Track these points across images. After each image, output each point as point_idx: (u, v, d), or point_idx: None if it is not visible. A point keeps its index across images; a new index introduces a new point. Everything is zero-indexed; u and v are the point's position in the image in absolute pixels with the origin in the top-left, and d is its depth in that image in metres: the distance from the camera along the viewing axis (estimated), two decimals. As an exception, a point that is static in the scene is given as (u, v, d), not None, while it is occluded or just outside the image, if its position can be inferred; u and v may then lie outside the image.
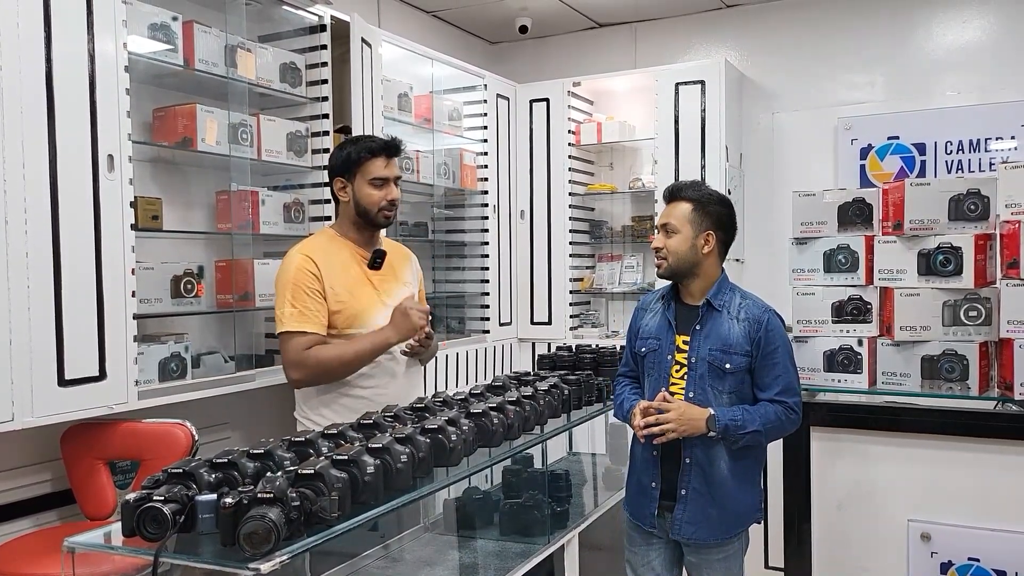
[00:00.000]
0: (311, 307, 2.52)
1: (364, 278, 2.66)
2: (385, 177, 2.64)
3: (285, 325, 2.52)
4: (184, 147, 2.96)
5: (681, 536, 2.44)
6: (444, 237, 4.56)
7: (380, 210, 2.64)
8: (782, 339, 2.45)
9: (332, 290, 2.56)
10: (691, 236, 2.45)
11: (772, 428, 2.41)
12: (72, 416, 2.49)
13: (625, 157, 5.16)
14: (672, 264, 2.47)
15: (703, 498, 2.41)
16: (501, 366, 4.78)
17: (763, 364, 2.42)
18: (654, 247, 2.51)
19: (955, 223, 2.74)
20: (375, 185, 2.63)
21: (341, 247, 2.67)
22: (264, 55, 3.23)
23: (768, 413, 2.39)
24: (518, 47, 5.46)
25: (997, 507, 2.62)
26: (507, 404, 2.30)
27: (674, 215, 2.47)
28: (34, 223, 2.36)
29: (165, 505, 1.54)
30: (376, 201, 2.63)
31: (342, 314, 2.57)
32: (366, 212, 2.64)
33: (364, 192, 2.63)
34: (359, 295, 2.62)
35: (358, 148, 2.64)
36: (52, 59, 2.40)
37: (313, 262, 2.56)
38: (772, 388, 2.41)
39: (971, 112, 4.29)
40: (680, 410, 2.34)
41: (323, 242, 2.67)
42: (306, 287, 2.53)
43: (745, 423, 2.35)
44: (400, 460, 1.84)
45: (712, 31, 4.94)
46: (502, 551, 2.61)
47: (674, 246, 2.46)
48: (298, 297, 2.52)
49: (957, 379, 2.70)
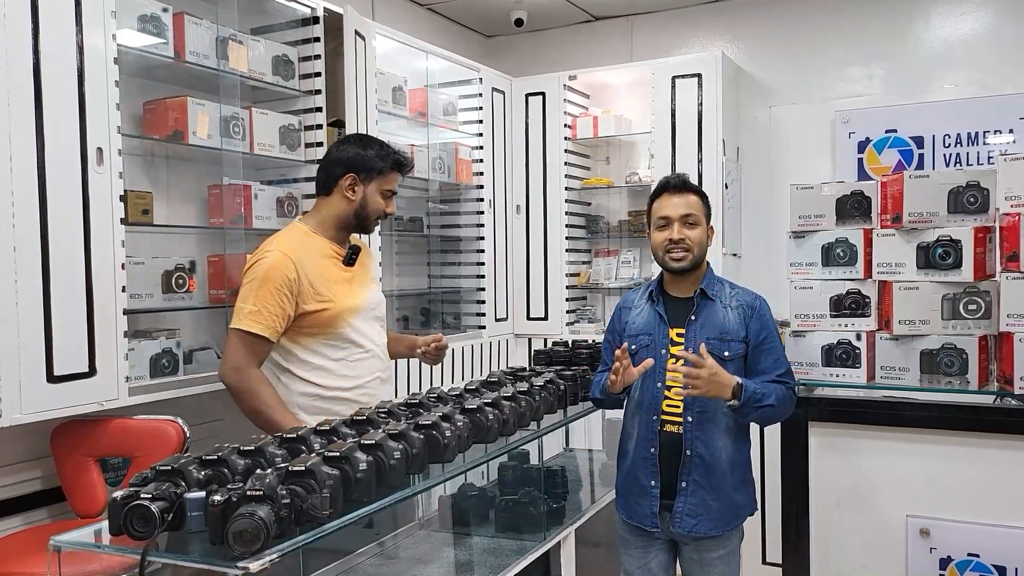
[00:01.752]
0: (271, 309, 2.44)
1: (342, 276, 2.62)
2: (395, 191, 2.72)
3: (239, 322, 2.43)
4: (175, 140, 2.92)
5: (682, 529, 2.42)
6: (439, 232, 4.53)
7: (377, 219, 2.70)
8: (773, 324, 2.51)
9: (313, 290, 2.50)
10: (706, 228, 2.49)
11: (781, 406, 2.44)
12: (62, 413, 2.46)
13: (621, 151, 5.14)
14: (696, 256, 2.47)
15: (702, 490, 2.41)
16: (497, 361, 4.76)
17: (760, 348, 2.45)
18: (676, 238, 2.43)
19: (954, 216, 2.71)
20: (385, 196, 2.67)
21: (317, 244, 2.61)
22: (256, 47, 3.19)
23: (780, 391, 2.42)
24: (513, 40, 5.43)
25: (997, 502, 2.60)
26: (503, 400, 2.28)
27: (693, 206, 2.47)
28: (22, 217, 2.32)
29: (153, 503, 1.52)
30: (379, 210, 2.67)
31: (325, 313, 2.52)
32: (366, 217, 2.65)
33: (374, 199, 2.64)
34: (339, 293, 2.57)
35: (389, 159, 2.66)
36: (40, 51, 2.36)
37: (292, 262, 2.48)
38: (775, 369, 2.45)
39: (969, 105, 4.26)
40: (713, 371, 2.29)
41: (299, 238, 2.60)
42: (275, 288, 2.44)
43: (764, 396, 2.36)
44: (393, 457, 1.81)
45: (708, 24, 4.91)
46: (498, 548, 2.60)
47: (697, 237, 2.46)
48: (261, 296, 2.43)
49: (956, 373, 2.68)
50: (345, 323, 2.56)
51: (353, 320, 2.58)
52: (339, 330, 2.55)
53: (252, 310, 2.43)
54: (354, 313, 2.59)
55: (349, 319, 2.57)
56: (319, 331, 2.53)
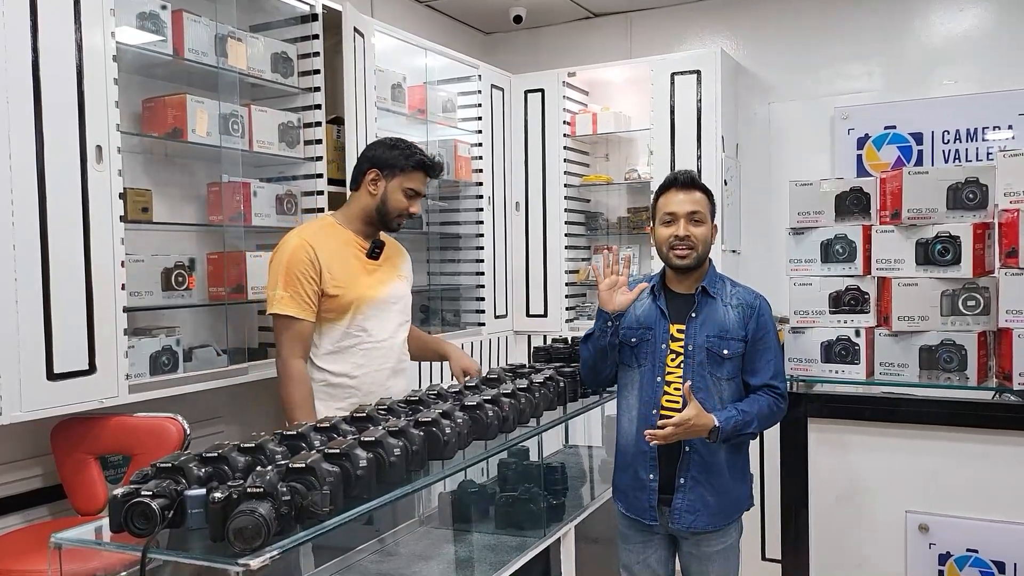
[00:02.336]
0: (302, 292, 2.55)
1: (362, 267, 2.69)
2: (419, 191, 2.73)
3: (277, 307, 2.55)
4: (174, 138, 2.92)
5: (680, 525, 2.43)
6: (439, 229, 4.52)
7: (399, 216, 2.71)
8: (772, 325, 2.50)
9: (331, 275, 2.59)
10: (711, 226, 2.49)
11: (765, 422, 2.45)
12: (62, 410, 2.46)
13: (621, 148, 5.13)
14: (701, 253, 2.46)
15: (700, 486, 2.41)
16: (496, 358, 4.76)
17: (755, 349, 2.44)
18: (681, 235, 2.42)
19: (953, 212, 2.71)
20: (408, 195, 2.69)
21: (341, 235, 2.70)
22: (255, 45, 3.19)
23: (762, 408, 2.41)
24: (512, 37, 5.43)
25: (996, 498, 2.61)
26: (502, 396, 2.28)
27: (700, 204, 2.46)
28: (21, 215, 2.32)
29: (153, 500, 1.52)
30: (401, 208, 2.69)
31: (340, 299, 2.60)
32: (387, 214, 2.69)
33: (395, 197, 2.68)
34: (357, 283, 2.64)
35: (413, 158, 2.69)
36: (39, 49, 2.36)
37: (311, 247, 2.58)
38: (764, 373, 2.43)
39: (968, 101, 4.26)
40: (689, 424, 2.28)
41: (323, 228, 2.70)
42: (299, 272, 2.54)
43: (744, 426, 2.36)
44: (393, 454, 1.82)
45: (708, 20, 4.91)
46: (498, 545, 2.60)
47: (702, 235, 2.45)
48: (290, 281, 2.54)
49: (955, 369, 2.69)
50: (359, 312, 2.64)
51: (367, 310, 2.66)
52: (352, 317, 2.63)
53: (283, 295, 2.54)
54: (369, 303, 2.66)
55: (363, 308, 2.64)
56: (333, 317, 2.62)
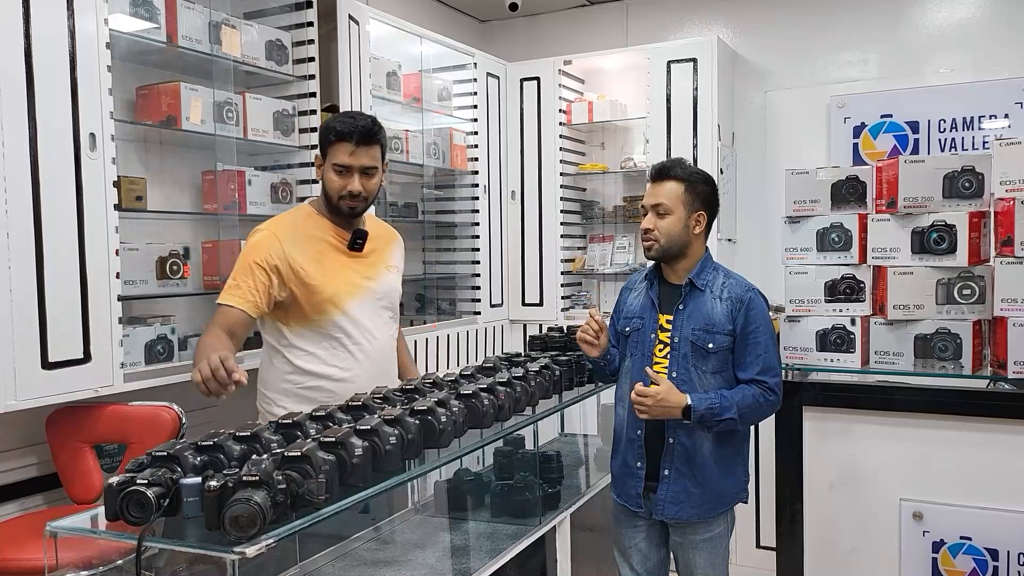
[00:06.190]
0: (248, 283, 2.34)
1: (342, 260, 2.49)
2: (347, 165, 2.40)
3: (220, 297, 2.38)
4: (168, 126, 2.91)
5: (664, 516, 2.45)
6: (434, 218, 4.52)
7: (341, 200, 2.43)
8: (763, 318, 2.44)
9: (303, 270, 2.39)
10: (684, 217, 2.44)
11: (749, 412, 2.40)
12: (56, 399, 2.46)
13: (616, 136, 5.12)
14: (663, 245, 2.44)
15: (684, 478, 2.42)
16: (492, 347, 4.76)
17: (743, 343, 2.41)
18: (643, 228, 2.46)
19: (949, 200, 2.71)
20: (336, 171, 2.41)
21: (317, 225, 2.49)
22: (249, 32, 3.17)
23: (745, 397, 2.38)
24: (508, 25, 5.40)
25: (990, 485, 2.62)
26: (498, 385, 2.28)
27: (665, 195, 2.44)
28: (15, 204, 2.31)
29: (149, 489, 1.52)
30: (336, 189, 2.42)
31: (315, 296, 2.41)
32: (330, 199, 2.45)
33: (327, 177, 2.43)
34: (333, 277, 2.45)
35: (327, 128, 2.43)
36: (31, 36, 2.35)
37: (277, 239, 2.40)
38: (751, 368, 2.41)
39: (965, 90, 4.25)
40: (659, 397, 2.31)
41: (297, 219, 2.51)
42: (254, 262, 2.36)
43: (721, 410, 2.34)
44: (389, 442, 1.81)
45: (704, 8, 4.89)
46: (493, 533, 2.60)
47: (666, 227, 2.43)
48: (241, 270, 2.36)
49: (950, 358, 2.69)
50: (336, 310, 2.44)
51: (347, 307, 2.46)
52: (329, 316, 2.43)
53: (231, 284, 2.37)
54: (348, 300, 2.46)
55: (341, 306, 2.45)
56: (308, 315, 2.43)
